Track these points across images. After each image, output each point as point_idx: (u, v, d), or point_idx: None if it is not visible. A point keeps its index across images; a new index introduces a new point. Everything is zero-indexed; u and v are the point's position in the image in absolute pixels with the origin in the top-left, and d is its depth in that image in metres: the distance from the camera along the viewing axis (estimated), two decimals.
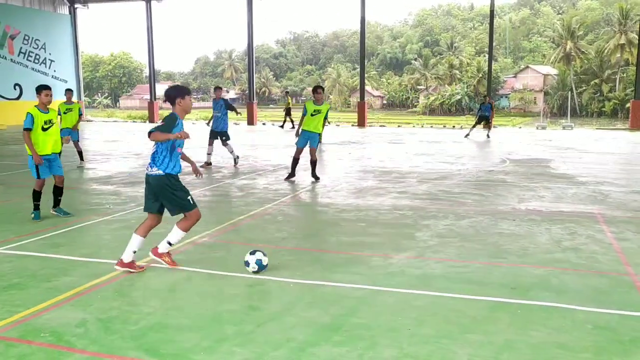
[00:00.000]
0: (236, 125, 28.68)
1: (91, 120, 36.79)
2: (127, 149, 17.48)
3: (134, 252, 5.25)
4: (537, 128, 29.07)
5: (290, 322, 4.12)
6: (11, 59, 29.26)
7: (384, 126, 32.89)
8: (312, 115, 10.42)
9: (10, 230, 6.89)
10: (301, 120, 10.63)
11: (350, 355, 3.59)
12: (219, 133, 13.02)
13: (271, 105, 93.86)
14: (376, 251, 6.02)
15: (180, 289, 4.86)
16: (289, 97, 28.89)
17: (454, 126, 32.63)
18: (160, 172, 5.09)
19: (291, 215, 7.92)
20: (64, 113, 12.55)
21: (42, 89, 7.35)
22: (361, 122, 30.10)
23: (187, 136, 5.11)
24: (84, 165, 13.08)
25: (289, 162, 13.85)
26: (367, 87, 78.31)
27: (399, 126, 33.25)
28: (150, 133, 5.01)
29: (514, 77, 77.28)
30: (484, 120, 21.93)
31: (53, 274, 5.18)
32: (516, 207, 8.31)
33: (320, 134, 10.82)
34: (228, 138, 13.14)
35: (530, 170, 12.32)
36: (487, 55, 30.48)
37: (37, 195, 7.49)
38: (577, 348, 3.63)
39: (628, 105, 33.36)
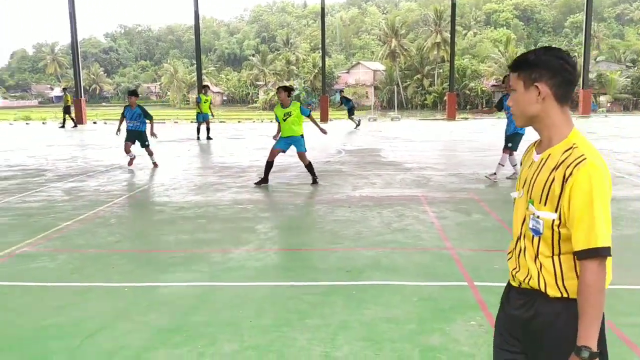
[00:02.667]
0: (61, 127, 26.34)
1: None
2: None
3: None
4: (369, 120, 30.88)
5: (124, 329, 3.88)
6: None
7: (224, 122, 32.58)
8: (283, 120, 9.57)
9: None
10: (278, 129, 9.88)
11: (190, 354, 3.48)
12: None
13: (103, 104, 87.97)
14: (215, 247, 5.92)
15: None
16: (68, 95, 27.05)
17: None
18: None
19: (126, 217, 7.48)
20: None
21: None
22: None
23: None
24: None
25: (122, 162, 13.08)
26: (206, 83, 76.91)
27: (239, 122, 33.17)
28: None
29: (347, 72, 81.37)
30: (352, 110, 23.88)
31: None
32: (351, 194, 8.74)
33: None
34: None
35: (363, 159, 13.05)
36: (321, 52, 31.65)
37: None
38: (404, 320, 3.92)
39: (445, 97, 36.95)
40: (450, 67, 30.17)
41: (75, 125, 26.39)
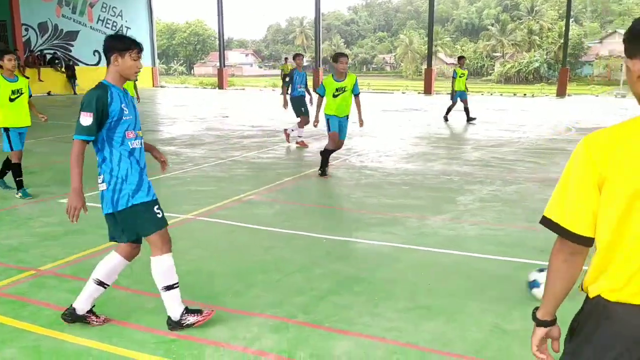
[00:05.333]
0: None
1: (164, 87, 38.25)
2: (193, 114, 18.18)
3: None
4: (616, 96, 27.39)
5: (316, 273, 4.36)
6: (90, 27, 30.74)
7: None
8: (334, 96, 7.73)
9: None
10: (319, 103, 8.09)
11: (367, 304, 3.79)
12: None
13: None
14: (414, 213, 6.12)
15: (222, 241, 5.21)
16: (287, 65, 25.53)
17: (524, 94, 31.40)
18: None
19: (338, 178, 8.11)
20: None
21: (3, 53, 6.38)
22: (428, 90, 29.58)
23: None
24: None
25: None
26: (441, 55, 76.04)
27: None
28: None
29: (599, 42, 72.63)
30: None
31: None
32: None
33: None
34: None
35: None
36: (565, 18, 28.81)
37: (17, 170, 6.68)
38: None
39: None
40: None
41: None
